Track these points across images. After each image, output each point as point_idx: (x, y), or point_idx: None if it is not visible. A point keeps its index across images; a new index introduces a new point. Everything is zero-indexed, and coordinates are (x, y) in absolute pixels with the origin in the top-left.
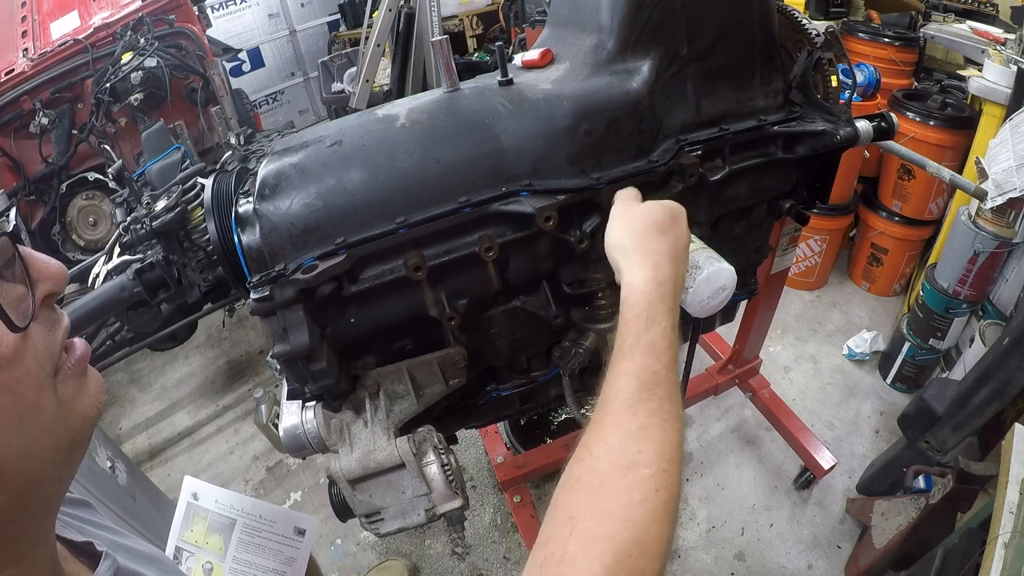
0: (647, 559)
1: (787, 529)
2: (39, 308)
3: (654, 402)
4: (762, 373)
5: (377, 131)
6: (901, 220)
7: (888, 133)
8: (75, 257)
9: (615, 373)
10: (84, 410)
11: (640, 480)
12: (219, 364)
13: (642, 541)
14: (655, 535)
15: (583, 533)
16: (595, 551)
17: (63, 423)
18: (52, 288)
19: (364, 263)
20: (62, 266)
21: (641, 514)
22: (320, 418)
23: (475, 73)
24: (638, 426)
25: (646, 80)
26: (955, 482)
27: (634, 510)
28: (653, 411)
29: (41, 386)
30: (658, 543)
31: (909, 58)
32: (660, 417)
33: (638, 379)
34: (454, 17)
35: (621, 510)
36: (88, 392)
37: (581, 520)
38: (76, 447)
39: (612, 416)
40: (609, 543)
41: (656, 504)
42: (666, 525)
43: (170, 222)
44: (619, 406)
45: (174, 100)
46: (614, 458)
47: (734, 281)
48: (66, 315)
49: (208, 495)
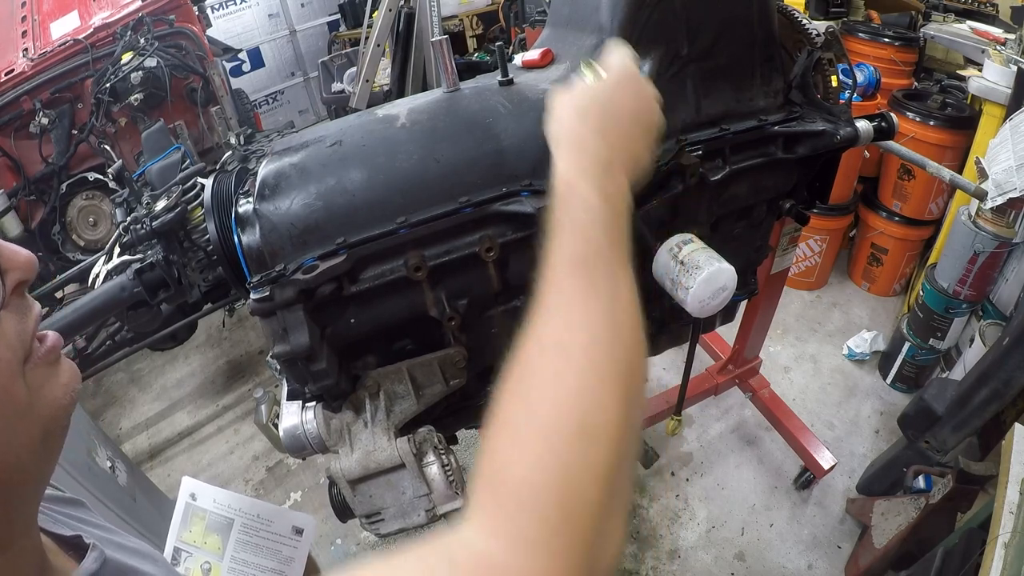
0: (590, 442)
1: (787, 529)
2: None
3: (579, 279)
4: (762, 373)
5: (377, 131)
6: (901, 220)
7: (888, 133)
8: (75, 257)
9: (541, 268)
10: (55, 398)
11: (565, 359)
12: (219, 364)
13: (583, 424)
14: (595, 417)
15: (513, 429)
16: (530, 447)
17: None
18: (22, 276)
19: (364, 263)
20: (31, 255)
21: (566, 394)
22: (320, 418)
23: (475, 73)
24: (557, 304)
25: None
26: (955, 482)
27: (557, 390)
28: (577, 288)
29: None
30: (603, 425)
31: (909, 58)
32: (585, 294)
33: (563, 261)
34: (454, 17)
35: (547, 392)
36: (60, 381)
37: (511, 416)
38: (50, 436)
39: (536, 310)
40: (542, 432)
41: (592, 381)
42: (610, 404)
43: (170, 222)
44: (541, 295)
45: (174, 100)
46: (539, 340)
47: (734, 281)
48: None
49: (206, 495)
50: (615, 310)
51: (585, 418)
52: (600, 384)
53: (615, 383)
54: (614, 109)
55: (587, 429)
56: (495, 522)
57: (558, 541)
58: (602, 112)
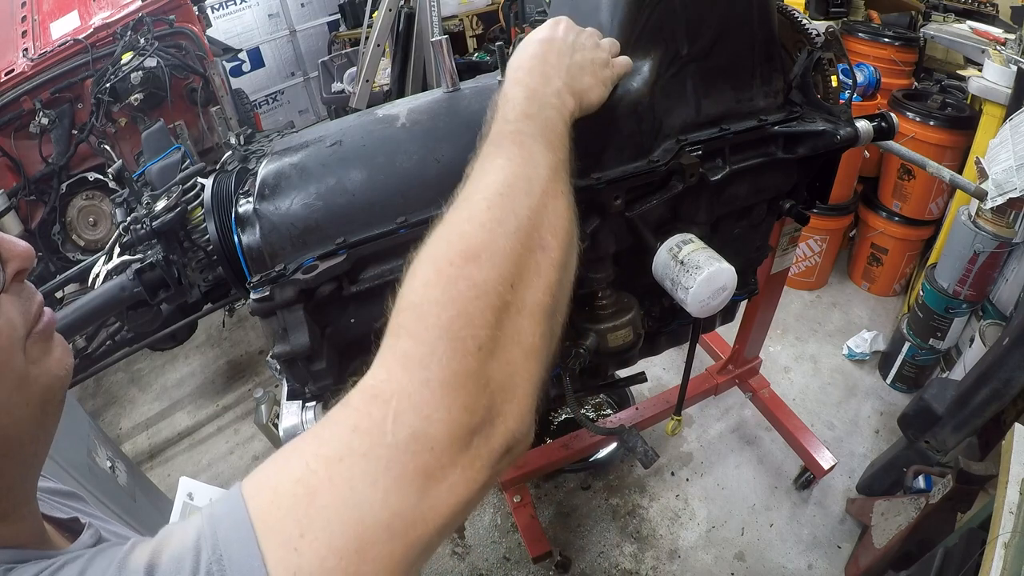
0: (476, 265)
1: (787, 529)
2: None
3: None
4: (762, 373)
5: (377, 131)
6: (901, 220)
7: (888, 133)
8: (75, 257)
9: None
10: (51, 369)
11: (466, 205)
12: (219, 364)
13: (468, 249)
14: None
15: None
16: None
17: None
18: (21, 265)
19: (364, 263)
20: (29, 245)
21: (469, 229)
22: (320, 418)
23: (475, 73)
24: (474, 172)
25: (646, 80)
26: (955, 482)
27: (451, 227)
28: (491, 157)
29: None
30: (492, 253)
31: (909, 58)
32: (494, 160)
33: (485, 139)
34: (454, 17)
35: (443, 231)
36: (54, 355)
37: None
38: (48, 405)
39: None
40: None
41: (484, 219)
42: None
43: (170, 222)
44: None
45: (174, 100)
46: (452, 199)
47: (734, 281)
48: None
49: (203, 494)
50: (528, 174)
51: (471, 248)
52: (494, 223)
53: (513, 226)
54: (552, 38)
55: (473, 256)
56: (387, 352)
57: (435, 355)
58: (541, 40)
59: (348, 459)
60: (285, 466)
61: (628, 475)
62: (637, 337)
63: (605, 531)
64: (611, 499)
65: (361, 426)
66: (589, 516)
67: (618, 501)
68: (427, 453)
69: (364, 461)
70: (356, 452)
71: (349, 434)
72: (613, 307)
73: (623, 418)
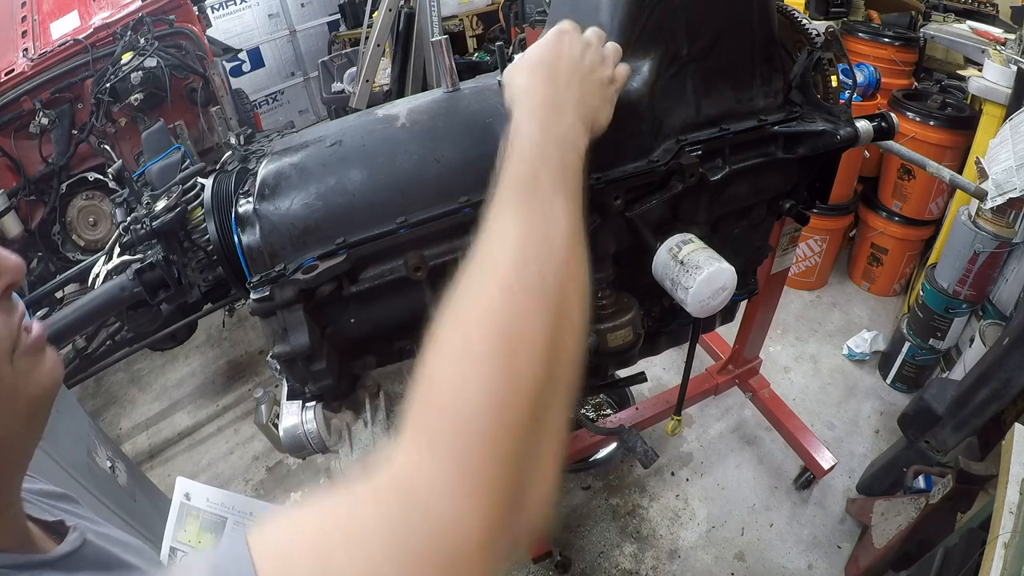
0: (513, 354)
1: (787, 529)
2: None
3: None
4: (762, 373)
5: (377, 131)
6: (901, 220)
7: (888, 133)
8: (75, 257)
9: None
10: (40, 381)
11: (492, 273)
12: (219, 364)
13: (505, 334)
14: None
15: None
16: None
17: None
18: (11, 279)
19: (364, 263)
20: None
21: (488, 306)
22: (320, 418)
23: (475, 73)
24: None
25: (646, 80)
26: (955, 482)
27: (481, 303)
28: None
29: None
30: (526, 337)
31: (909, 58)
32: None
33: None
34: (454, 17)
35: (472, 307)
36: (44, 367)
37: (440, 334)
38: (36, 414)
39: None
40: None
41: (517, 294)
42: (535, 318)
43: (170, 222)
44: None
45: (174, 100)
46: (473, 259)
47: (734, 281)
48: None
49: (200, 494)
50: (550, 233)
51: (507, 329)
52: (526, 298)
53: (542, 299)
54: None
55: (509, 339)
56: (416, 441)
57: (472, 453)
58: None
59: (370, 538)
60: (300, 532)
61: (628, 475)
62: (637, 337)
63: (605, 531)
64: (611, 499)
65: (389, 514)
66: (589, 516)
67: (618, 501)
68: (453, 550)
69: (386, 543)
70: (378, 531)
71: (371, 510)
72: (613, 307)
73: (623, 418)
